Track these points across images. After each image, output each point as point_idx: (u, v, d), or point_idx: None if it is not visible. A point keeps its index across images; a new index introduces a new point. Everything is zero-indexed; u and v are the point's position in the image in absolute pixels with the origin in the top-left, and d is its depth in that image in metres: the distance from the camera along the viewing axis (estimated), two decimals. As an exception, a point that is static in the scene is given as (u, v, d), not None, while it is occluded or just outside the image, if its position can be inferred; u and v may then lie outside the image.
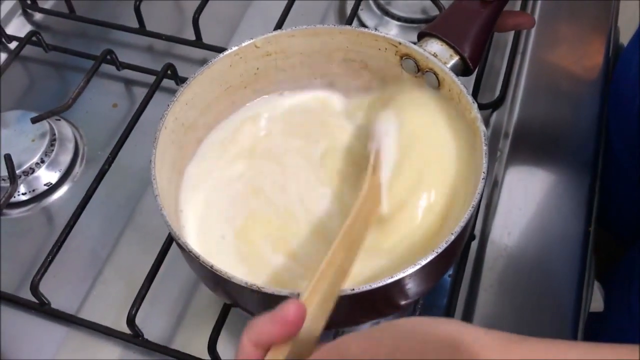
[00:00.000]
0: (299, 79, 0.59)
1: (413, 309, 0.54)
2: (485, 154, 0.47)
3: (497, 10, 0.55)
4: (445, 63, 0.53)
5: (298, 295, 0.42)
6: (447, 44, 0.54)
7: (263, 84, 0.59)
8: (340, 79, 0.59)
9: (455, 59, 0.53)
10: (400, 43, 0.54)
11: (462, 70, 0.54)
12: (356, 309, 0.46)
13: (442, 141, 0.52)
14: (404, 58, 0.54)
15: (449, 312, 0.55)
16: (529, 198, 0.62)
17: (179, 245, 0.47)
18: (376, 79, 0.58)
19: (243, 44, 0.55)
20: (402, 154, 0.52)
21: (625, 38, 0.80)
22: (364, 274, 0.47)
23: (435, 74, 0.53)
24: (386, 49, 0.55)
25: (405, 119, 0.54)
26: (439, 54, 0.53)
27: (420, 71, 0.54)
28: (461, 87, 0.51)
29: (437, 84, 0.53)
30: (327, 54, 0.58)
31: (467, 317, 0.56)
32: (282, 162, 0.56)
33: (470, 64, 0.54)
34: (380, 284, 0.42)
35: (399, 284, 0.43)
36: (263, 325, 0.36)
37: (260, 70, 0.58)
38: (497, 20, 0.56)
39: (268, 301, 0.45)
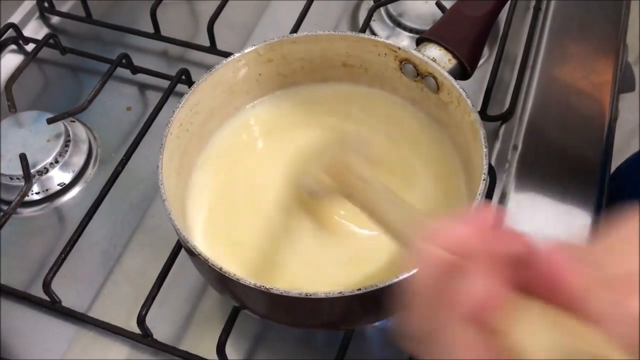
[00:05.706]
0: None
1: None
2: (485, 155, 0.48)
3: (494, 14, 0.56)
4: (443, 67, 0.53)
5: (306, 294, 0.42)
6: (446, 48, 0.55)
7: (265, 89, 0.60)
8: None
9: (454, 63, 0.54)
10: (399, 48, 0.55)
11: (460, 74, 0.55)
12: (363, 309, 0.46)
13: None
14: (403, 63, 0.55)
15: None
16: (536, 209, 0.62)
17: (187, 249, 0.48)
18: (376, 84, 0.59)
19: (246, 51, 0.56)
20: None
21: (630, 57, 0.80)
22: None
23: (434, 78, 0.54)
24: (386, 54, 0.56)
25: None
26: (438, 59, 0.54)
27: (420, 75, 0.55)
28: (460, 90, 0.51)
29: (437, 88, 0.54)
30: (327, 59, 0.58)
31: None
32: (286, 164, 0.57)
33: (469, 68, 0.55)
34: (387, 284, 0.43)
35: (404, 284, 0.43)
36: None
37: (263, 76, 0.58)
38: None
39: (276, 302, 0.46)
